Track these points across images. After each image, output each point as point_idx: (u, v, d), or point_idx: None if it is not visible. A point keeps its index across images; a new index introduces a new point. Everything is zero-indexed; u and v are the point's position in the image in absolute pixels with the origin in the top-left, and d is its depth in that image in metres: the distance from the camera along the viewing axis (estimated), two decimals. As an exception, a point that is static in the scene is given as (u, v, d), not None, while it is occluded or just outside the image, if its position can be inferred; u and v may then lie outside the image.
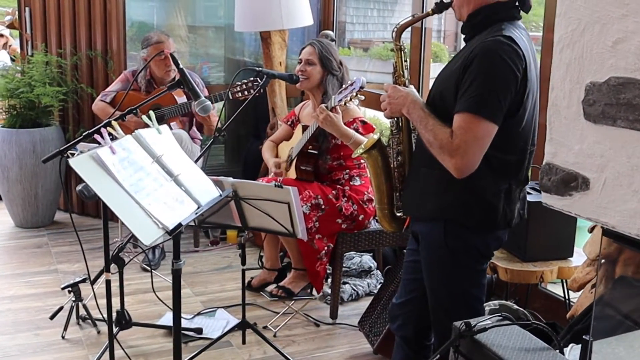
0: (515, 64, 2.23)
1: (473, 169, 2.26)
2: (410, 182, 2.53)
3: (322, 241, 3.76)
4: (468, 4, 2.39)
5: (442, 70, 2.50)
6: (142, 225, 2.25)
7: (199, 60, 6.35)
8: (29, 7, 5.55)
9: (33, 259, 4.78)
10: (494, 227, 2.42)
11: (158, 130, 2.68)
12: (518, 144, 2.37)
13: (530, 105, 2.35)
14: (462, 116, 2.24)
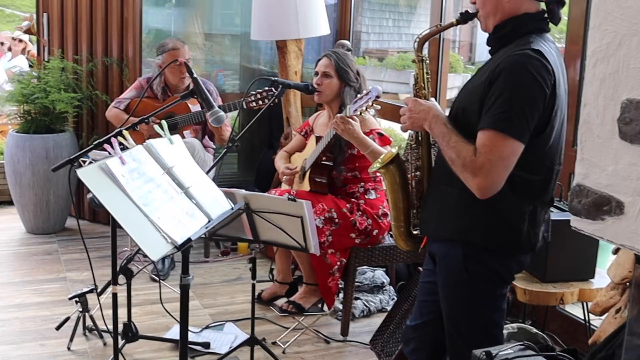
0: (544, 79, 2.13)
1: (497, 190, 2.15)
2: (428, 200, 2.43)
3: (335, 256, 3.68)
4: (494, 15, 2.29)
5: (466, 85, 2.40)
6: (150, 240, 2.18)
7: (215, 68, 6.31)
8: (47, 12, 5.53)
9: (42, 266, 4.73)
10: (516, 251, 2.31)
11: (170, 140, 2.62)
12: (544, 164, 2.26)
13: (558, 122, 2.24)
14: (486, 133, 2.13)
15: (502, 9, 2.27)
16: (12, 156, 5.24)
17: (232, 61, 6.40)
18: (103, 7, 5.40)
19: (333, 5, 6.07)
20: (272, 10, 4.79)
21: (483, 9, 2.31)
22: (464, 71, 8.74)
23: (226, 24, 6.48)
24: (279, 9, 4.74)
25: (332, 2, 6.08)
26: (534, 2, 2.27)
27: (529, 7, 2.27)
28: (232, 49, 6.42)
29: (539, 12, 2.28)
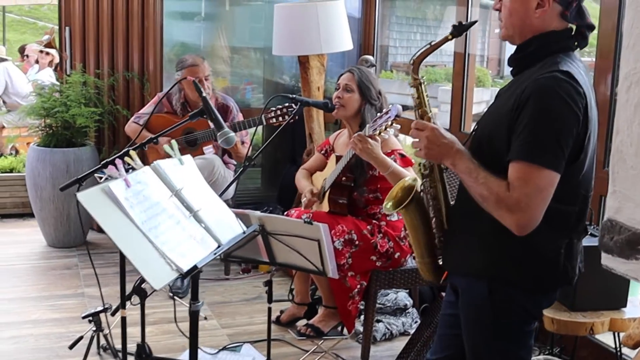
0: (576, 103, 1.97)
1: (536, 225, 1.98)
2: (452, 234, 2.27)
3: (355, 279, 3.56)
4: (520, 32, 2.14)
5: (489, 110, 2.24)
6: (154, 267, 2.09)
7: (243, 81, 6.26)
8: (69, 26, 5.51)
9: (61, 281, 4.68)
10: (552, 287, 2.17)
11: (180, 161, 2.54)
12: (579, 193, 2.10)
13: (591, 148, 2.08)
14: (519, 165, 1.97)
15: (530, 24, 2.12)
16: (33, 169, 5.22)
17: (256, 75, 6.35)
18: (124, 21, 5.39)
19: (357, 19, 5.99)
20: (294, 25, 4.72)
21: (509, 19, 2.15)
22: (492, 85, 8.61)
23: (251, 37, 6.44)
24: (301, 24, 4.67)
25: (356, 15, 6.00)
26: (562, 21, 2.12)
27: (557, 25, 2.12)
28: (256, 63, 6.37)
29: (565, 29, 2.14)
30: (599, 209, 3.47)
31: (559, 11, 2.10)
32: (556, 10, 2.10)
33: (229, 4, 6.24)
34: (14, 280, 4.70)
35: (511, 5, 2.13)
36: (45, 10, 18.23)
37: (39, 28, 18.31)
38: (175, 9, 5.88)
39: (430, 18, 10.06)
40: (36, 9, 18.55)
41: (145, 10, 5.35)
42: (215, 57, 6.08)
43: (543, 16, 2.10)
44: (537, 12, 2.09)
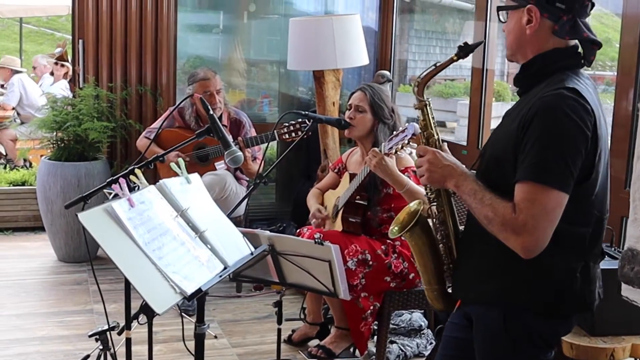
0: (584, 121, 1.90)
1: (543, 247, 1.91)
2: (462, 260, 2.19)
3: (368, 300, 3.47)
4: (521, 50, 2.10)
5: (495, 131, 2.19)
6: (156, 290, 2.01)
7: (260, 94, 6.22)
8: (83, 39, 5.49)
9: (70, 297, 4.63)
10: (569, 313, 2.08)
11: (187, 180, 2.46)
12: (592, 214, 2.02)
13: (603, 166, 2.01)
14: (525, 186, 1.90)
15: (526, 41, 2.08)
16: (44, 183, 5.19)
17: (272, 88, 6.30)
18: (138, 34, 5.38)
19: (375, 31, 5.93)
20: (310, 40, 4.66)
21: (509, 38, 2.13)
22: (512, 99, 8.55)
23: (268, 50, 6.40)
24: (317, 38, 4.60)
25: (373, 27, 5.94)
26: (554, 37, 2.06)
27: (557, 43, 2.07)
28: (273, 76, 6.32)
29: (570, 47, 2.08)
30: (620, 231, 3.36)
31: (548, 26, 2.06)
32: (546, 25, 2.06)
33: (246, 17, 6.20)
34: (23, 295, 4.66)
35: (507, 24, 2.13)
36: (63, 21, 18.37)
37: (57, 39, 18.45)
38: (191, 21, 5.85)
39: (449, 31, 10.02)
40: (54, 20, 18.69)
41: (159, 24, 5.33)
42: (231, 70, 6.03)
43: (534, 33, 2.06)
44: (527, 28, 2.06)
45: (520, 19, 2.07)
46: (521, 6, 2.06)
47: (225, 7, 6.22)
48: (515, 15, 2.09)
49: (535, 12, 2.04)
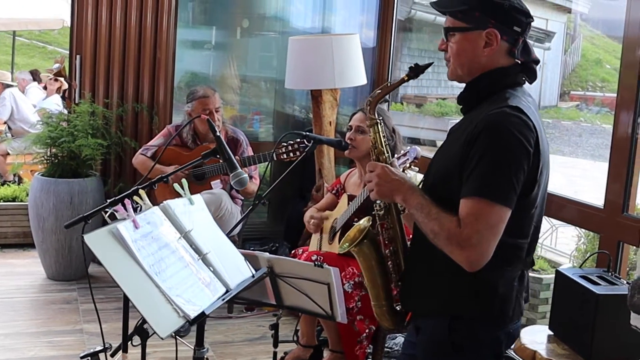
0: (527, 138, 1.96)
1: (487, 261, 1.96)
2: (409, 274, 2.25)
3: (364, 323, 3.45)
4: (468, 70, 2.14)
5: (441, 148, 2.24)
6: (160, 314, 1.99)
7: (251, 110, 6.21)
8: (80, 54, 5.47)
9: (60, 316, 4.57)
10: (508, 321, 2.13)
11: (190, 201, 2.45)
12: (531, 226, 2.09)
13: (544, 181, 2.08)
14: (470, 201, 1.95)
15: (478, 62, 2.12)
16: (36, 200, 5.13)
17: (266, 106, 6.29)
18: (136, 51, 5.36)
19: (371, 49, 5.94)
20: (308, 59, 4.66)
21: (457, 60, 2.15)
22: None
23: (263, 67, 6.40)
24: (315, 58, 4.61)
25: (370, 45, 5.94)
26: (509, 58, 2.13)
27: (504, 62, 2.12)
28: (268, 94, 6.32)
29: (513, 65, 2.13)
30: (617, 256, 3.37)
31: (506, 48, 2.12)
32: (504, 47, 2.11)
33: (239, 33, 6.20)
34: (12, 314, 4.60)
35: (459, 46, 2.14)
36: (55, 34, 18.35)
37: (48, 52, 18.42)
38: (184, 37, 5.82)
39: (442, 50, 10.07)
40: (46, 34, 18.67)
41: (158, 41, 5.32)
42: (224, 87, 6.02)
43: (491, 54, 2.11)
44: (485, 51, 2.10)
45: (476, 40, 2.10)
46: (480, 28, 2.09)
47: (218, 23, 6.22)
48: (469, 37, 2.11)
49: (496, 36, 2.08)
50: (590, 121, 12.73)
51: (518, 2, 2.11)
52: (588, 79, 14.05)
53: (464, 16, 2.10)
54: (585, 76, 14.13)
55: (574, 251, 5.88)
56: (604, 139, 11.87)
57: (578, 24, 13.55)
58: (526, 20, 2.10)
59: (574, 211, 3.65)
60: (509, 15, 2.07)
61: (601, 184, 3.56)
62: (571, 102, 13.63)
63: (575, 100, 13.67)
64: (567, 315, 2.97)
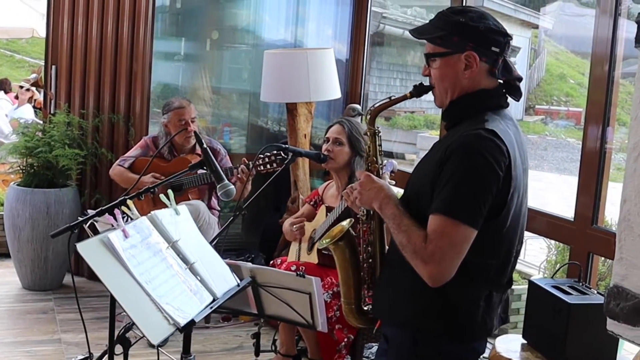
0: (498, 162, 2.03)
1: (449, 278, 2.03)
2: (381, 282, 2.32)
3: (342, 332, 3.52)
4: (452, 91, 2.20)
5: (418, 165, 2.32)
6: (152, 322, 2.04)
7: (221, 121, 6.23)
8: (56, 64, 5.47)
9: (37, 326, 4.57)
10: (471, 339, 2.20)
11: (176, 211, 2.50)
12: (502, 247, 2.16)
13: (515, 204, 2.14)
14: (437, 219, 2.02)
15: (461, 85, 2.19)
16: (12, 210, 5.12)
17: (239, 118, 6.33)
18: (112, 62, 5.35)
19: (343, 62, 6.00)
20: (284, 72, 4.73)
21: (441, 85, 2.22)
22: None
23: (235, 80, 6.45)
24: (291, 72, 4.68)
25: (341, 58, 6.00)
26: (492, 79, 2.20)
27: (487, 84, 2.20)
28: (240, 105, 6.36)
29: (496, 87, 2.21)
30: (587, 267, 3.48)
31: (486, 69, 2.18)
32: (484, 68, 2.17)
33: (209, 45, 6.23)
34: (-12, 324, 4.59)
35: (440, 71, 2.20)
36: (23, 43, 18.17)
37: (16, 62, 18.22)
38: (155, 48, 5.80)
39: (410, 64, 10.20)
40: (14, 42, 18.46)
41: (134, 52, 5.30)
42: (196, 98, 6.02)
43: (472, 76, 2.17)
44: (466, 73, 2.16)
45: (456, 64, 2.16)
46: (458, 52, 2.16)
47: (187, 35, 6.24)
48: (450, 60, 2.18)
49: (475, 58, 2.15)
50: (555, 135, 12.94)
51: (494, 23, 2.17)
52: (553, 94, 14.29)
53: (443, 41, 2.17)
54: (549, 90, 14.36)
55: (543, 262, 6.01)
56: (569, 153, 12.07)
57: (542, 40, 13.81)
58: (504, 40, 2.17)
59: (545, 223, 3.76)
60: (486, 36, 2.14)
61: (566, 196, 3.66)
62: (536, 116, 13.84)
63: (541, 114, 13.88)
64: (540, 324, 3.05)
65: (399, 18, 9.64)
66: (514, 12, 10.71)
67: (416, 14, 10.47)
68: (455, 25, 2.15)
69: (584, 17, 8.63)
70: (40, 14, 9.54)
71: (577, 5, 10.02)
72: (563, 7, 11.75)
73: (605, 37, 3.42)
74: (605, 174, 3.43)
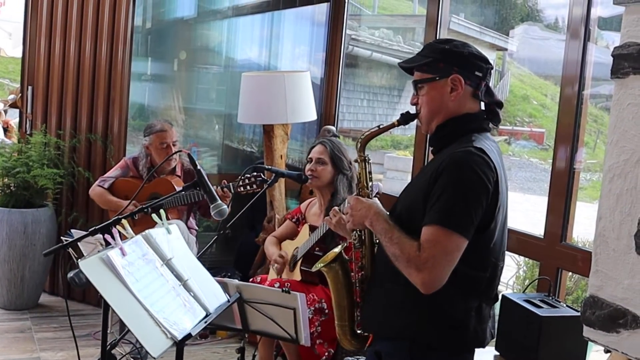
0: (487, 176, 2.18)
1: (441, 285, 2.16)
2: (372, 297, 2.43)
3: (323, 346, 3.62)
4: (438, 115, 2.35)
5: (408, 185, 2.45)
6: (151, 335, 2.13)
7: (189, 141, 6.28)
8: (32, 85, 5.51)
9: (15, 345, 4.59)
10: (464, 349, 2.32)
11: (168, 230, 2.59)
12: (490, 260, 2.29)
13: (500, 219, 2.29)
14: (431, 229, 2.15)
15: (447, 108, 2.34)
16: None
17: (209, 138, 6.39)
18: (90, 82, 5.38)
19: (317, 84, 6.11)
20: (261, 95, 4.83)
21: (427, 109, 2.36)
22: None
23: (205, 100, 6.50)
24: (268, 94, 4.78)
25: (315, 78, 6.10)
26: (476, 103, 2.36)
27: (470, 108, 2.35)
28: (209, 126, 6.41)
29: (479, 112, 2.37)
30: (556, 281, 3.62)
31: (470, 92, 2.34)
32: (468, 91, 2.34)
33: (177, 65, 6.28)
34: (-35, 343, 4.59)
35: (428, 96, 2.36)
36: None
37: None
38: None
39: (376, 84, 10.37)
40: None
41: (112, 73, 5.33)
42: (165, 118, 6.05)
43: (457, 99, 2.32)
44: (452, 96, 2.32)
45: (442, 88, 2.32)
46: (444, 76, 2.31)
47: (155, 55, 6.28)
48: (437, 85, 2.33)
49: (460, 80, 2.31)
50: (519, 155, 13.17)
51: (476, 50, 2.34)
52: (516, 114, 14.56)
53: (429, 68, 2.32)
54: (513, 111, 14.61)
55: (512, 278, 6.17)
56: (532, 173, 12.30)
57: (506, 61, 14.10)
58: (486, 66, 2.33)
59: (516, 240, 3.89)
60: (469, 61, 2.30)
61: (531, 215, 3.79)
62: (500, 136, 14.08)
63: (504, 134, 14.11)
64: (513, 337, 3.18)
65: (367, 40, 9.81)
66: (479, 34, 10.93)
67: (384, 36, 10.66)
68: (440, 52, 2.31)
69: (548, 41, 8.86)
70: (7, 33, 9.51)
71: (542, 28, 10.29)
72: (528, 30, 12.03)
73: (575, 60, 3.55)
74: (573, 193, 3.58)
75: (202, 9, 6.40)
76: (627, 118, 1.86)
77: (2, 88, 14.85)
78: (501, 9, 12.35)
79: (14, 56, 10.18)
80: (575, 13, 3.56)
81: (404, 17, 12.12)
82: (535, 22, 11.78)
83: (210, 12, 6.46)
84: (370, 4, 11.43)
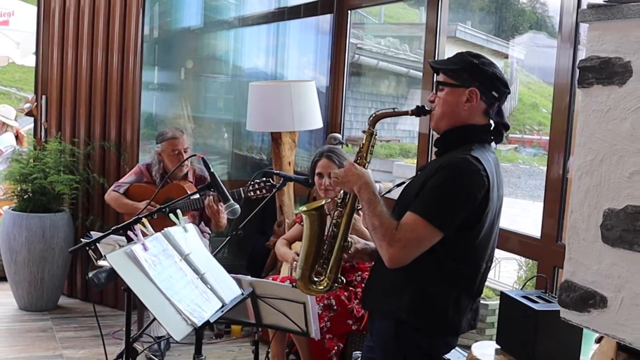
0: (477, 183, 2.37)
1: (404, 264, 2.36)
2: (373, 278, 2.64)
3: (333, 341, 3.80)
4: (449, 118, 2.53)
5: (408, 184, 2.62)
6: (173, 322, 2.33)
7: (198, 150, 6.40)
8: (46, 94, 5.69)
9: (38, 343, 4.77)
10: (443, 333, 2.52)
11: (185, 229, 2.78)
12: (473, 257, 2.49)
13: (488, 223, 2.47)
14: (412, 216, 2.36)
15: (458, 115, 2.52)
16: (9, 234, 5.34)
17: (218, 146, 6.52)
18: (102, 91, 5.53)
19: (323, 92, 6.23)
20: (269, 104, 4.98)
21: (441, 110, 2.55)
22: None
23: (213, 109, 6.63)
24: (276, 103, 4.94)
25: (321, 87, 6.23)
26: (485, 119, 2.55)
27: (478, 120, 2.54)
28: (218, 134, 6.54)
29: (485, 125, 2.55)
30: (553, 279, 3.78)
31: (483, 108, 2.53)
32: (481, 107, 2.53)
33: (184, 74, 6.40)
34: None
35: (445, 97, 2.54)
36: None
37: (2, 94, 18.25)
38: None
39: (384, 93, 10.53)
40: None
41: (124, 81, 5.48)
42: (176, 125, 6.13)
43: (470, 110, 2.51)
44: (465, 106, 2.52)
45: (460, 95, 2.51)
46: (465, 87, 2.51)
47: (161, 63, 6.38)
48: (455, 91, 2.52)
49: (477, 94, 2.50)
50: (528, 163, 13.25)
51: (500, 74, 2.53)
52: (525, 123, 14.64)
53: (454, 74, 2.52)
54: (522, 120, 14.68)
55: (515, 282, 6.34)
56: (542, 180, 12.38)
57: (514, 69, 14.22)
58: (504, 90, 2.53)
59: (516, 242, 4.05)
60: (491, 81, 2.50)
61: (539, 221, 3.95)
62: (510, 144, 14.18)
63: (514, 143, 14.18)
64: (512, 330, 3.34)
65: (373, 49, 9.96)
66: (486, 42, 11.06)
67: (390, 44, 10.82)
68: (468, 64, 2.51)
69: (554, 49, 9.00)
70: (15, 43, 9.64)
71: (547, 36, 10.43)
72: (534, 38, 12.15)
73: (566, 67, 3.66)
74: (567, 197, 3.71)
75: (208, 19, 6.52)
76: (592, 123, 2.07)
77: (9, 97, 15.05)
78: (509, 17, 12.48)
79: (22, 64, 10.31)
80: (566, 19, 3.66)
81: (410, 25, 12.23)
82: (541, 30, 11.90)
83: (217, 22, 6.58)
84: (376, 13, 11.59)
